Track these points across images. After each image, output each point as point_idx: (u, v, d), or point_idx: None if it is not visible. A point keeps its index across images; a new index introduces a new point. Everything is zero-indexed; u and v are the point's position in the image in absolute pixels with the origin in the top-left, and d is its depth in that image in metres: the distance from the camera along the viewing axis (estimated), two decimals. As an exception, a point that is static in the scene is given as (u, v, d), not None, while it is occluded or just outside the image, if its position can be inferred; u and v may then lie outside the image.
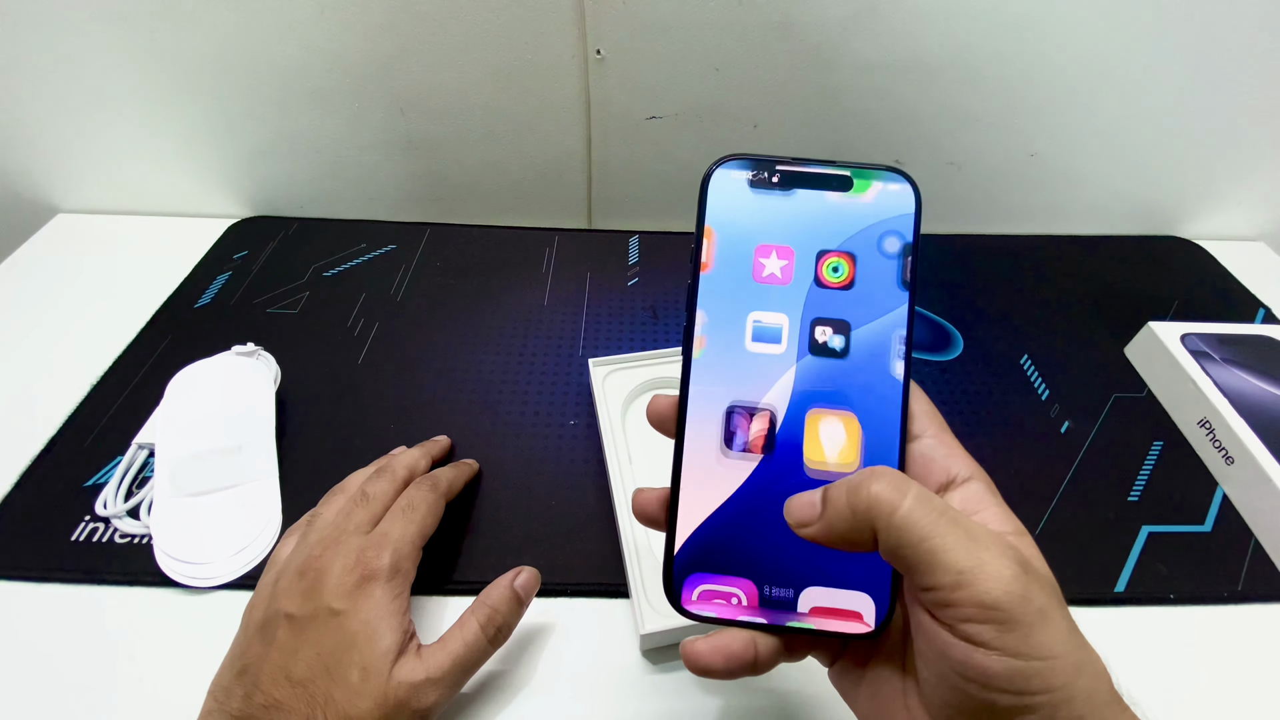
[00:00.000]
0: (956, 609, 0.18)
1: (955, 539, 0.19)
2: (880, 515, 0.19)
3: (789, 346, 0.25)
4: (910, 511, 0.19)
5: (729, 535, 0.24)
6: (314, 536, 0.33)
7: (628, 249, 0.63)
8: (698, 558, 0.24)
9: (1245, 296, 0.60)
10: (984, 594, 0.18)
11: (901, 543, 0.19)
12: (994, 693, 0.18)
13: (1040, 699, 0.18)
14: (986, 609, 0.18)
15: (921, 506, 0.19)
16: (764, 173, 0.26)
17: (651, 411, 0.26)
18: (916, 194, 0.25)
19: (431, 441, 0.43)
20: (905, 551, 0.19)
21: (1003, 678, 0.18)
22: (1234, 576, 0.40)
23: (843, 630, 0.23)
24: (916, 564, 0.19)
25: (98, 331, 0.52)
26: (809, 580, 0.24)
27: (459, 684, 0.31)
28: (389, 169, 0.63)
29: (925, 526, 0.19)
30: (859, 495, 0.20)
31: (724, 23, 0.53)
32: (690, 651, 0.23)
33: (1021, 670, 0.18)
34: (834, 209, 0.25)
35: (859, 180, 0.25)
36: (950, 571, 0.18)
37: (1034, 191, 0.64)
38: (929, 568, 0.19)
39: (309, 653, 0.29)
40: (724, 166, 0.26)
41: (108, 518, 0.40)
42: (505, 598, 0.32)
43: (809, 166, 0.26)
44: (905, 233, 0.25)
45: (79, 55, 0.55)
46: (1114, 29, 0.53)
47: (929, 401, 0.25)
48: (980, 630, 0.18)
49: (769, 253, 0.25)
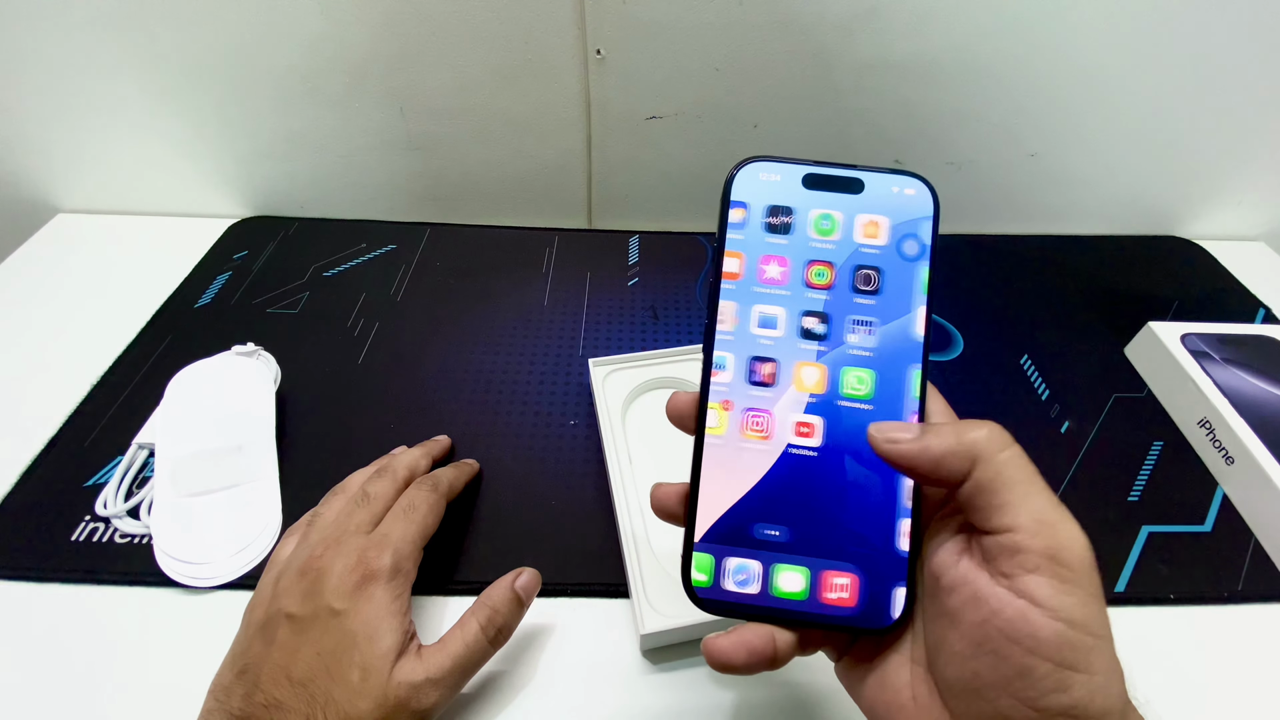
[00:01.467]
0: (1027, 555, 0.19)
1: (1042, 495, 0.20)
2: (987, 453, 0.21)
3: (811, 344, 0.25)
4: (1014, 456, 0.21)
5: (748, 527, 0.24)
6: (315, 536, 0.33)
7: (628, 249, 0.63)
8: (716, 549, 0.24)
9: (1245, 296, 0.60)
10: (1060, 546, 0.19)
11: (999, 482, 0.20)
12: (1036, 659, 0.18)
13: (1078, 678, 0.18)
14: (1057, 562, 0.19)
15: (1021, 459, 0.21)
16: (789, 174, 0.26)
17: (671, 408, 0.26)
18: (935, 198, 0.26)
19: (432, 441, 0.43)
20: (998, 489, 0.20)
21: (1050, 642, 0.18)
22: (1234, 576, 0.40)
23: (863, 622, 0.23)
24: (1005, 503, 0.20)
25: (98, 331, 0.52)
26: (832, 570, 0.24)
27: (459, 685, 0.31)
28: (389, 169, 0.63)
29: (1021, 474, 0.20)
30: (968, 433, 0.21)
31: (724, 23, 0.53)
32: (712, 647, 0.23)
33: (1070, 640, 0.18)
34: (853, 212, 0.26)
35: (878, 183, 0.26)
36: (1033, 517, 0.19)
37: (1034, 191, 0.64)
38: (1015, 509, 0.20)
39: (309, 653, 0.29)
40: (748, 166, 0.26)
41: (108, 518, 0.40)
42: (506, 599, 0.32)
43: (833, 170, 0.26)
44: (924, 237, 0.26)
45: (79, 56, 0.55)
46: (1114, 29, 0.53)
47: (945, 403, 0.25)
48: (1041, 584, 0.19)
49: (782, 257, 0.26)
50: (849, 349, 0.25)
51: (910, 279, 0.25)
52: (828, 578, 0.24)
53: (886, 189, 0.26)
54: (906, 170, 0.26)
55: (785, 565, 0.24)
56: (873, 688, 0.23)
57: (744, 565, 0.24)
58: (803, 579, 0.24)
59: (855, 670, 0.24)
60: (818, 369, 0.25)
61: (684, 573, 0.24)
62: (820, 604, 0.24)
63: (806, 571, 0.24)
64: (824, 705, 0.34)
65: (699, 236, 0.64)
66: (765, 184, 0.26)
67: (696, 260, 0.62)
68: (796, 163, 0.26)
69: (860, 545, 0.24)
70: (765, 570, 0.24)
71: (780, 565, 0.24)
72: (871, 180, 0.26)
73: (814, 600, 0.24)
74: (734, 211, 0.26)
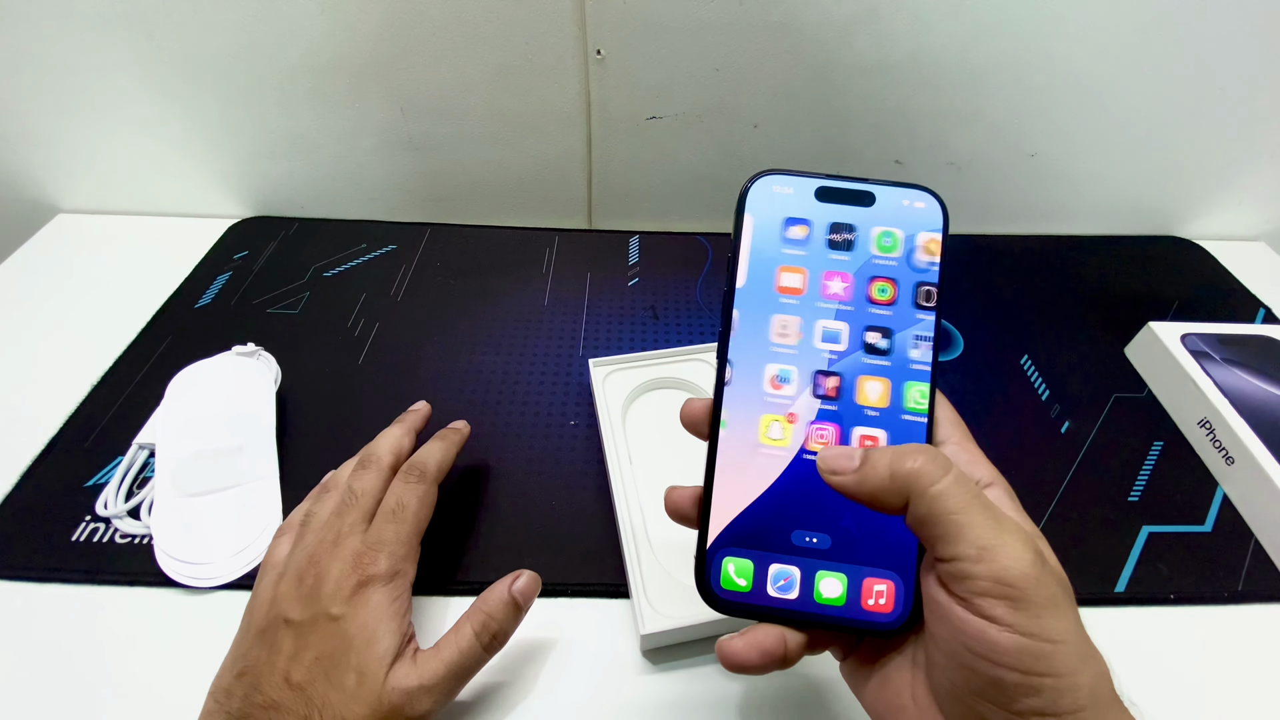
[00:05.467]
0: (974, 581, 0.20)
1: (983, 519, 0.20)
2: (919, 486, 0.21)
3: (846, 353, 0.26)
4: (948, 487, 0.21)
5: (761, 528, 0.25)
6: (311, 538, 0.33)
7: (628, 249, 0.63)
8: (731, 547, 0.25)
9: (1245, 296, 0.60)
10: (1002, 570, 0.19)
11: (934, 512, 0.20)
12: (1002, 669, 0.19)
13: (1045, 681, 0.19)
14: (1003, 584, 0.19)
15: (958, 485, 0.21)
16: (803, 187, 0.27)
17: (685, 415, 0.27)
18: (944, 211, 0.27)
19: (410, 413, 0.41)
20: (935, 521, 0.20)
21: (1011, 654, 0.19)
22: (1234, 576, 0.40)
23: (869, 623, 0.24)
24: (944, 534, 0.20)
25: (98, 331, 0.52)
26: (842, 572, 0.25)
27: (454, 691, 0.31)
28: (389, 169, 0.63)
29: (959, 501, 0.20)
30: (902, 463, 0.21)
31: (724, 23, 0.53)
32: (726, 649, 0.24)
33: (1029, 649, 0.19)
34: (864, 226, 0.27)
35: (889, 196, 0.27)
36: (974, 545, 0.20)
37: (1034, 191, 0.64)
38: (955, 539, 0.20)
39: (308, 657, 0.29)
40: (762, 179, 0.27)
41: (108, 518, 0.40)
42: (502, 603, 0.32)
43: (845, 183, 0.27)
44: (934, 249, 0.26)
45: (80, 55, 0.55)
46: (1114, 29, 0.53)
47: (953, 410, 0.26)
48: (994, 605, 0.19)
49: (797, 268, 0.27)
50: (863, 358, 0.26)
51: (919, 291, 0.26)
52: (867, 583, 0.24)
53: (897, 202, 0.27)
54: (917, 184, 0.27)
55: (825, 571, 0.25)
56: (875, 687, 0.24)
57: (785, 570, 0.25)
58: (840, 584, 0.24)
59: (860, 670, 0.25)
60: (833, 378, 0.26)
61: (698, 573, 0.25)
62: (828, 607, 0.24)
63: (844, 577, 0.24)
64: (824, 704, 0.34)
65: (699, 237, 0.64)
66: (779, 196, 0.27)
67: (697, 260, 0.62)
68: (810, 176, 0.27)
69: (869, 549, 0.24)
70: (805, 575, 0.25)
71: (780, 567, 0.25)
72: (882, 193, 0.27)
73: (846, 605, 0.24)
74: (748, 220, 0.27)
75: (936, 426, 0.25)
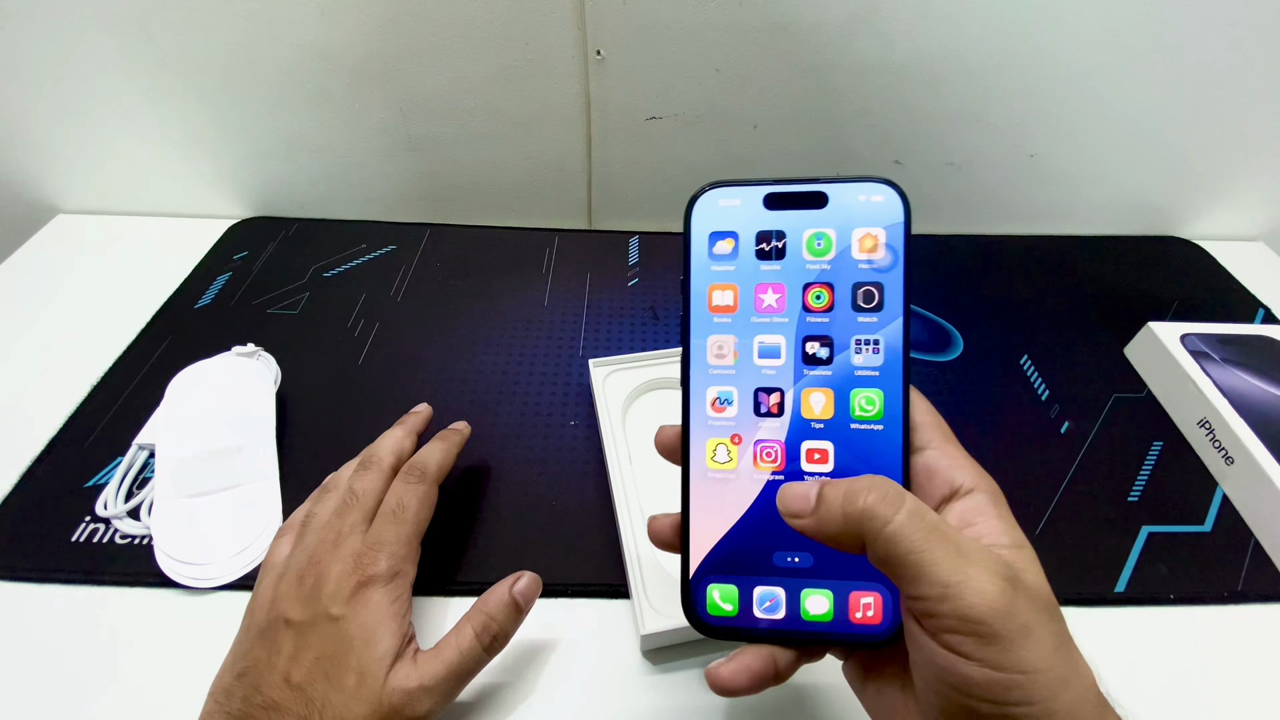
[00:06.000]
0: (940, 620, 0.19)
1: (944, 554, 0.19)
2: (872, 528, 0.20)
3: (786, 367, 0.25)
4: (901, 526, 0.20)
5: (742, 551, 0.25)
6: (311, 539, 0.33)
7: (628, 249, 0.63)
8: (714, 574, 0.25)
9: (1245, 296, 0.60)
10: (967, 608, 0.19)
11: (890, 554, 0.20)
12: (975, 700, 0.19)
13: (1020, 710, 0.18)
14: (968, 622, 0.19)
15: (913, 521, 0.20)
16: (750, 196, 0.26)
17: (659, 442, 0.27)
18: (905, 202, 0.25)
19: (411, 415, 0.42)
20: (894, 562, 0.20)
21: (982, 687, 0.19)
22: (1234, 577, 0.40)
23: (859, 635, 0.24)
24: (904, 575, 0.20)
25: (98, 332, 0.52)
26: (827, 588, 0.24)
27: (454, 692, 0.31)
28: (389, 169, 0.63)
29: (915, 540, 0.19)
30: (853, 504, 0.21)
31: (724, 23, 0.53)
32: (715, 676, 0.24)
33: (1001, 681, 0.18)
34: (820, 227, 0.25)
35: (843, 194, 0.25)
36: (936, 584, 0.19)
37: (1034, 191, 0.64)
38: (915, 580, 0.19)
39: (308, 657, 0.29)
40: (708, 192, 0.26)
41: (108, 518, 0.40)
42: (502, 605, 0.32)
43: (792, 186, 0.25)
44: (896, 245, 0.25)
45: (79, 56, 0.55)
46: (1113, 29, 0.53)
47: (934, 412, 0.25)
48: (961, 641, 0.19)
49: (727, 284, 0.26)
50: (805, 369, 0.25)
51: (882, 291, 0.25)
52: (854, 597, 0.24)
53: (853, 198, 0.25)
54: (872, 176, 0.25)
55: (809, 589, 0.25)
56: (873, 690, 0.24)
57: (770, 592, 0.25)
58: (827, 601, 0.24)
59: (859, 671, 0.25)
60: (795, 391, 0.25)
61: (685, 599, 0.25)
62: (817, 624, 0.24)
63: (830, 594, 0.24)
64: (824, 704, 0.34)
65: (699, 237, 0.64)
66: (725, 210, 0.26)
67: (696, 260, 0.62)
68: (756, 184, 0.25)
69: (853, 563, 0.24)
70: (790, 595, 0.24)
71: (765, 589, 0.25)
72: (836, 191, 0.25)
73: (835, 620, 0.24)
74: (696, 240, 0.26)
75: (915, 431, 0.24)
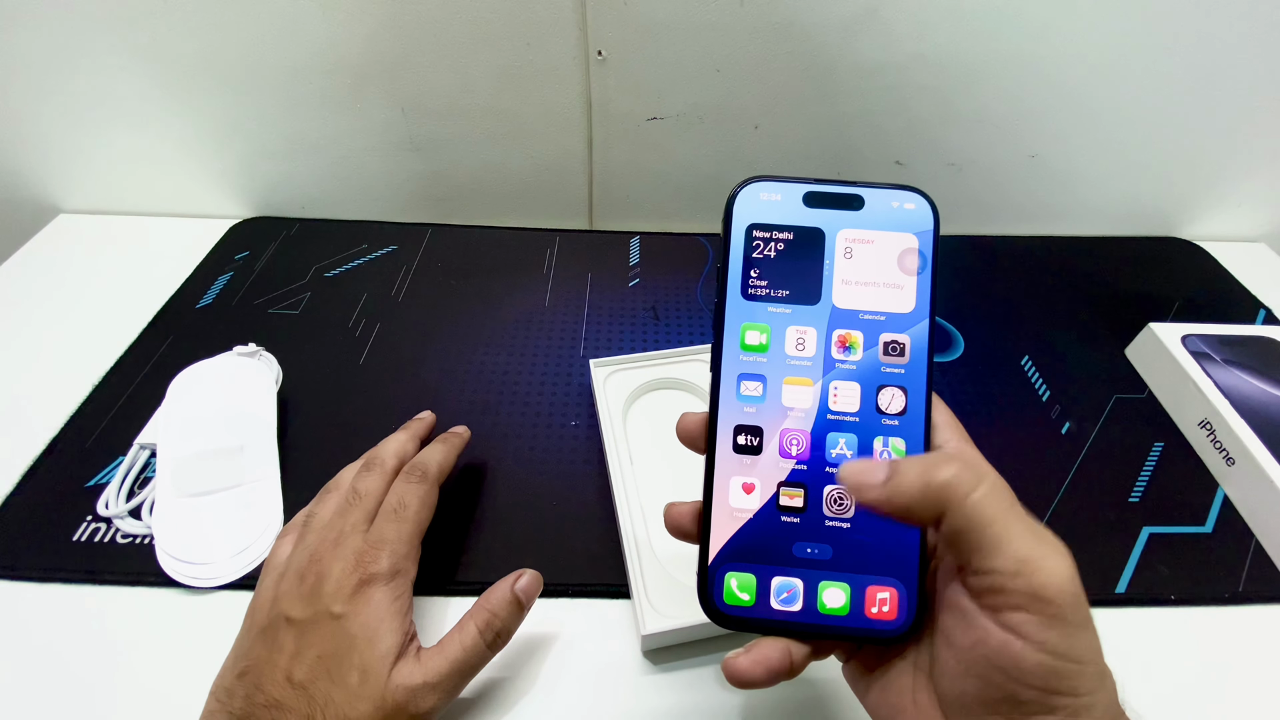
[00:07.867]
0: (1008, 596, 0.19)
1: (1021, 530, 0.19)
2: (955, 497, 0.20)
3: (815, 363, 0.26)
4: (984, 496, 0.20)
5: (762, 541, 0.25)
6: (312, 538, 0.33)
7: (629, 250, 0.63)
8: (733, 562, 0.25)
9: (1246, 297, 0.60)
10: (1040, 586, 0.18)
11: (970, 525, 0.20)
12: (1020, 686, 0.19)
13: (1063, 700, 0.18)
14: (1039, 600, 0.18)
15: (995, 494, 0.20)
16: (790, 192, 0.27)
17: (681, 429, 0.26)
18: (935, 212, 0.26)
19: (415, 421, 0.42)
20: (972, 534, 0.20)
21: (1032, 672, 0.18)
22: (1235, 577, 0.40)
23: (873, 631, 0.24)
24: (980, 546, 0.19)
25: (99, 332, 0.52)
26: (844, 581, 0.24)
27: (457, 689, 0.31)
28: (390, 170, 0.63)
29: (995, 512, 0.19)
30: (935, 474, 0.20)
31: (725, 23, 0.53)
32: (734, 667, 0.23)
33: (1054, 669, 0.18)
34: (855, 228, 0.26)
35: (878, 199, 0.26)
36: (1012, 559, 0.19)
37: (1034, 192, 0.64)
38: (992, 552, 0.19)
39: (310, 655, 0.29)
40: (750, 185, 0.27)
41: (109, 518, 0.40)
42: (505, 601, 0.32)
43: (831, 187, 0.26)
44: (925, 251, 0.26)
45: (80, 56, 0.55)
46: (1114, 30, 0.54)
47: (950, 413, 0.26)
48: (1025, 621, 0.19)
49: (791, 273, 0.26)
50: (851, 365, 0.26)
51: (910, 294, 0.26)
52: (870, 592, 0.24)
53: (886, 204, 0.26)
54: (906, 185, 0.26)
55: (827, 582, 0.24)
56: (877, 690, 0.24)
57: (788, 583, 0.24)
58: (844, 594, 0.24)
59: (862, 672, 0.25)
60: (823, 385, 0.25)
61: (701, 588, 0.25)
62: (832, 618, 0.24)
63: (847, 587, 0.24)
64: (825, 704, 0.34)
65: (700, 237, 0.64)
66: (766, 204, 0.27)
67: (698, 261, 0.62)
68: (797, 181, 0.27)
69: (871, 557, 0.24)
70: (808, 587, 0.24)
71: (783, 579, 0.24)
72: (872, 196, 0.26)
73: (850, 614, 0.24)
74: (736, 229, 0.26)
75: (935, 431, 0.25)
